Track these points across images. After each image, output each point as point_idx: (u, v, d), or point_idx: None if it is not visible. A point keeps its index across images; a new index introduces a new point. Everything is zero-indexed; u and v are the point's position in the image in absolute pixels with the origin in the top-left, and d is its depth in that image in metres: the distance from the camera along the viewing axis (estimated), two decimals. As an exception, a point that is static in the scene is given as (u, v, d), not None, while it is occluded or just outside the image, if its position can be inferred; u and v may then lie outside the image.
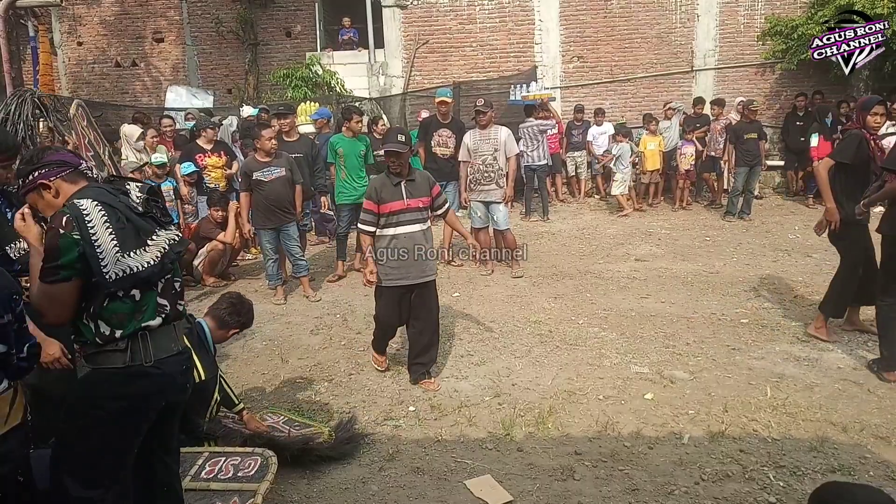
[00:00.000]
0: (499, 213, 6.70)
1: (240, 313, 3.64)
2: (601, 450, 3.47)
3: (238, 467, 2.93)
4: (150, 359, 2.20)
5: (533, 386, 4.25)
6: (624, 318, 5.44)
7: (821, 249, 7.49)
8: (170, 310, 2.30)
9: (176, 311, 2.35)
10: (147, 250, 2.20)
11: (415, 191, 4.16)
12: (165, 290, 2.30)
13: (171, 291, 2.33)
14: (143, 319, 2.20)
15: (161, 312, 2.26)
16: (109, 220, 2.12)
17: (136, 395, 2.20)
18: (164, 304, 2.27)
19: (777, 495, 3.05)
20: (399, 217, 4.12)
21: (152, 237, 2.23)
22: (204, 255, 6.82)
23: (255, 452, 3.05)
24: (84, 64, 13.96)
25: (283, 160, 6.14)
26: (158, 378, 2.23)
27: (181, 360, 2.35)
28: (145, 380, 2.21)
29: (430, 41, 12.49)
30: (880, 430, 3.57)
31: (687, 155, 10.10)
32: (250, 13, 13.32)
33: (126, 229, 2.16)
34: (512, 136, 6.78)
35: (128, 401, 2.19)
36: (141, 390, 2.21)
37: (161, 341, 2.26)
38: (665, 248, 7.82)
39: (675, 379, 4.28)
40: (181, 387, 2.37)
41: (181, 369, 2.34)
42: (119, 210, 2.17)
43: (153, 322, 2.23)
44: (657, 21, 12.14)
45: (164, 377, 2.25)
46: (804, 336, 4.91)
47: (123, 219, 2.17)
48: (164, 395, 2.29)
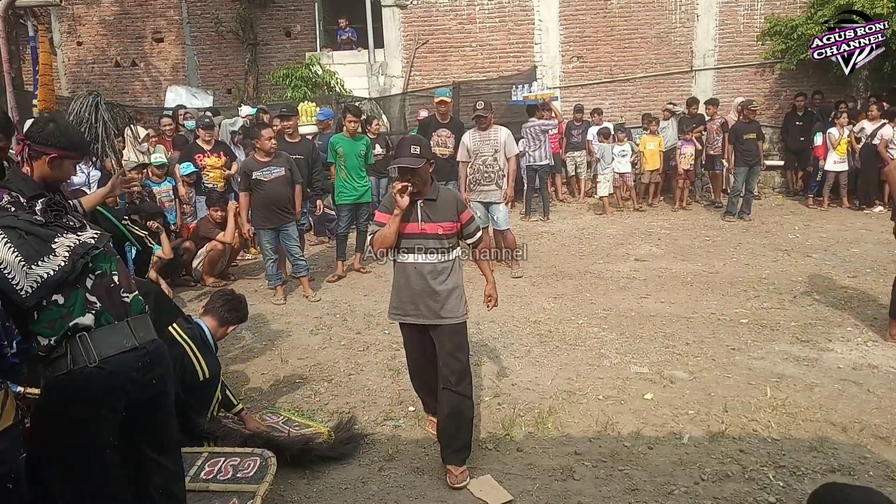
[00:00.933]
0: (499, 213, 6.70)
1: (237, 308, 3.66)
2: (601, 450, 3.47)
3: (237, 468, 2.93)
4: (93, 359, 2.14)
5: (533, 386, 4.25)
6: (624, 318, 5.44)
7: (820, 249, 7.51)
8: (105, 306, 2.24)
9: (121, 306, 2.28)
10: (55, 255, 2.18)
11: (434, 214, 3.28)
12: (97, 287, 2.25)
13: (106, 287, 2.27)
14: (72, 318, 2.16)
15: (90, 309, 2.20)
16: (9, 239, 2.12)
17: (84, 399, 2.14)
18: (93, 300, 2.21)
19: (777, 495, 3.05)
20: (412, 243, 3.30)
21: (54, 241, 2.20)
22: (203, 255, 6.82)
23: (254, 453, 3.05)
24: (84, 64, 13.96)
25: (283, 160, 6.14)
26: (105, 379, 2.15)
27: (137, 356, 2.24)
28: (91, 382, 2.14)
29: (430, 41, 12.49)
30: (880, 430, 3.57)
31: (686, 155, 10.11)
32: (250, 13, 13.32)
33: (27, 242, 2.15)
34: (511, 136, 6.78)
35: (77, 405, 2.14)
36: (87, 393, 2.14)
37: (106, 339, 2.19)
38: (665, 248, 7.82)
39: (675, 379, 4.28)
40: (142, 383, 2.25)
41: (137, 366, 2.23)
42: (18, 227, 2.17)
43: (83, 320, 2.17)
44: (657, 21, 12.15)
45: (113, 377, 2.17)
46: (804, 336, 4.92)
47: (23, 234, 2.16)
48: (119, 395, 2.20)
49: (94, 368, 2.14)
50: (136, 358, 2.24)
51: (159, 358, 2.35)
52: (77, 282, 2.20)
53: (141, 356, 2.26)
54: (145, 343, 2.29)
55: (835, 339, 4.84)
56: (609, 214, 9.89)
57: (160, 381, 2.34)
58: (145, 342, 2.29)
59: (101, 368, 2.15)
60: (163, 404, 2.38)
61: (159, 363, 2.34)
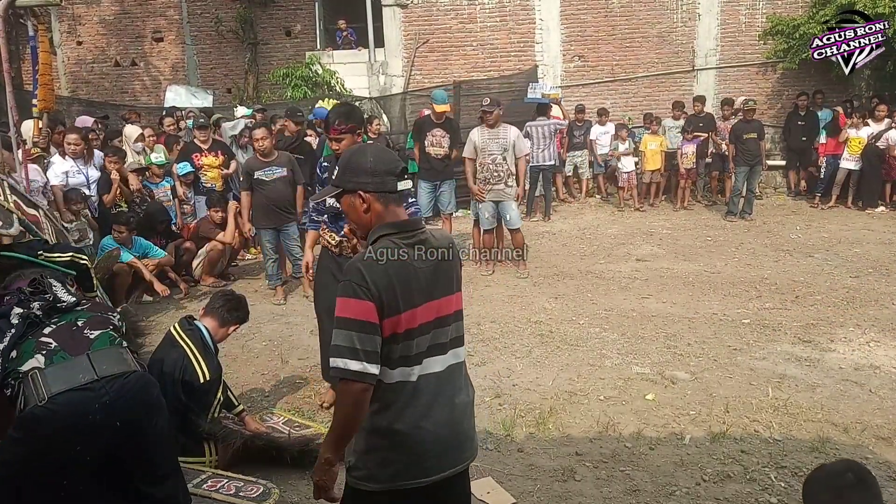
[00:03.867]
0: (512, 211, 6.67)
1: (238, 308, 3.60)
2: (602, 450, 3.46)
3: (240, 490, 2.94)
4: (42, 397, 1.98)
5: (534, 386, 4.23)
6: (625, 318, 5.43)
7: (822, 249, 7.49)
8: (62, 345, 2.11)
9: (81, 342, 2.13)
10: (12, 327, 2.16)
11: None
12: (56, 332, 2.17)
13: (67, 330, 2.18)
14: (22, 363, 2.06)
15: (42, 350, 2.09)
16: None
17: (32, 442, 1.98)
18: (47, 342, 2.12)
19: (778, 496, 3.04)
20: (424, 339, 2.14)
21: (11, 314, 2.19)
22: (203, 256, 6.81)
23: (258, 481, 3.04)
24: (83, 63, 13.94)
25: (285, 160, 6.13)
26: (55, 420, 1.96)
27: (93, 395, 2.01)
28: (40, 423, 1.97)
29: (431, 40, 12.47)
30: (882, 430, 3.56)
31: (688, 154, 10.09)
32: (250, 12, 13.30)
33: None
34: (521, 136, 6.72)
35: (26, 448, 1.99)
36: (35, 436, 1.97)
37: (58, 375, 2.03)
38: (666, 249, 7.81)
39: (677, 379, 4.26)
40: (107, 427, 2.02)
41: (94, 407, 2.00)
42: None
43: (31, 362, 2.05)
44: (658, 20, 12.12)
45: (66, 418, 1.97)
46: (806, 336, 4.90)
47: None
48: (75, 441, 1.99)
49: (42, 409, 1.97)
50: (92, 398, 2.02)
51: (129, 392, 2.10)
52: (28, 334, 2.15)
53: (99, 395, 2.03)
54: (110, 375, 2.08)
55: (837, 340, 4.83)
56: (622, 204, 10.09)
57: (132, 424, 2.09)
58: (109, 374, 2.08)
59: (49, 409, 1.97)
60: (145, 443, 2.15)
61: (129, 398, 2.09)
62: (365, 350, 1.75)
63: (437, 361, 1.90)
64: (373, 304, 1.76)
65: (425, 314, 1.86)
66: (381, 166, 1.89)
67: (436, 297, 1.89)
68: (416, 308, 1.83)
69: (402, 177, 1.92)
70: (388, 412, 1.84)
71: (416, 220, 1.99)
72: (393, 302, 1.79)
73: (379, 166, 1.88)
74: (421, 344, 1.86)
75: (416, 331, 1.84)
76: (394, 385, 1.84)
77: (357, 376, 1.75)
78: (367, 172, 1.88)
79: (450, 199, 7.49)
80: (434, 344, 1.89)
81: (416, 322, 1.83)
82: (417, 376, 1.86)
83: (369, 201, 1.89)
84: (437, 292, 1.90)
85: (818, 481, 1.75)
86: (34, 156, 5.92)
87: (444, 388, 1.91)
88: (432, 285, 1.89)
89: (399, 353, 1.82)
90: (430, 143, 7.39)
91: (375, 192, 1.88)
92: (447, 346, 1.93)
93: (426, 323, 1.86)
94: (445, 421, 1.89)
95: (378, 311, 1.77)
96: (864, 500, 1.67)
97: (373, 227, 1.91)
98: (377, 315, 1.77)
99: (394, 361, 1.82)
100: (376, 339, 1.77)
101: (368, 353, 1.75)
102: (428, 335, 1.87)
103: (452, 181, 7.52)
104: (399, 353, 1.82)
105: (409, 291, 1.82)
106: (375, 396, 1.81)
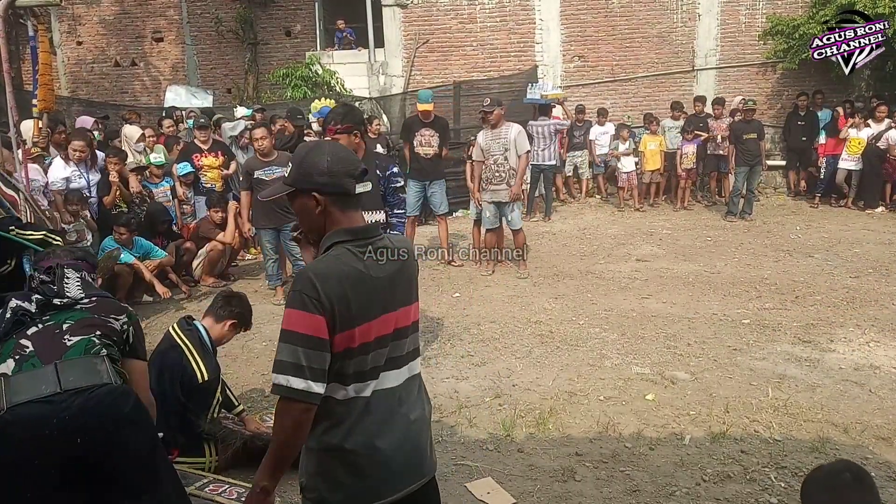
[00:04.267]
0: (513, 212, 6.66)
1: (231, 303, 3.53)
2: (602, 451, 3.46)
3: (241, 495, 2.92)
4: (2, 406, 1.93)
5: (534, 387, 4.23)
6: (625, 318, 5.43)
7: (822, 250, 7.50)
8: (37, 351, 2.07)
9: (55, 349, 2.08)
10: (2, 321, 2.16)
11: None
12: (38, 334, 2.13)
13: (49, 333, 2.14)
14: None
15: (16, 355, 2.05)
16: None
17: None
18: (25, 345, 2.09)
19: (778, 496, 3.03)
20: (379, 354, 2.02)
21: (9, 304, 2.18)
22: (203, 256, 6.81)
23: None
24: (83, 63, 13.94)
25: (285, 160, 6.12)
26: (11, 429, 1.91)
27: (51, 409, 1.94)
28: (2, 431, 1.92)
29: (431, 40, 12.47)
30: (882, 430, 3.56)
31: (688, 154, 10.09)
32: (250, 12, 13.30)
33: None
34: (523, 133, 6.65)
35: None
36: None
37: (22, 384, 1.98)
38: (666, 249, 7.81)
39: (677, 380, 4.26)
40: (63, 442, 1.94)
41: (51, 422, 1.93)
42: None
43: (2, 366, 2.02)
44: (658, 20, 12.12)
45: (19, 428, 1.91)
46: (806, 336, 4.90)
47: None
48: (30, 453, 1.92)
49: (1, 419, 1.93)
50: (50, 411, 1.95)
51: (95, 408, 2.01)
52: (13, 332, 2.13)
53: (58, 409, 1.96)
54: (75, 388, 2.00)
55: (837, 340, 4.83)
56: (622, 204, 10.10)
57: (95, 440, 1.99)
58: (74, 388, 2.00)
59: (6, 420, 1.92)
60: (115, 457, 2.04)
61: (93, 413, 2.00)
62: (311, 367, 1.61)
63: (392, 376, 1.78)
64: (323, 319, 1.62)
65: (382, 327, 1.73)
66: (339, 166, 1.73)
67: (394, 308, 1.76)
68: (372, 321, 1.70)
69: (361, 179, 1.78)
70: (338, 430, 1.70)
71: (373, 227, 1.82)
72: (346, 315, 1.65)
73: (336, 166, 1.72)
74: (377, 358, 1.73)
75: (372, 344, 1.71)
76: (345, 401, 1.70)
77: (300, 395, 1.61)
78: (323, 173, 1.71)
79: (442, 200, 7.45)
80: (391, 357, 1.77)
81: (372, 335, 1.70)
82: (371, 391, 1.73)
83: (324, 204, 1.72)
84: (395, 303, 1.77)
85: (816, 482, 1.75)
86: (34, 155, 5.92)
87: (399, 405, 1.78)
88: (390, 296, 1.75)
89: (353, 369, 1.69)
90: (420, 143, 7.39)
91: (331, 194, 1.72)
92: (404, 359, 1.81)
93: (383, 336, 1.73)
94: (400, 439, 1.76)
95: (329, 326, 1.63)
96: (862, 499, 1.67)
97: (326, 233, 1.75)
98: (327, 330, 1.63)
99: (348, 377, 1.69)
100: (325, 355, 1.63)
101: (314, 370, 1.61)
102: (385, 348, 1.74)
103: (442, 181, 7.52)
104: (353, 369, 1.69)
105: (364, 303, 1.68)
106: (325, 413, 1.68)
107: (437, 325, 5.35)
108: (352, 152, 1.87)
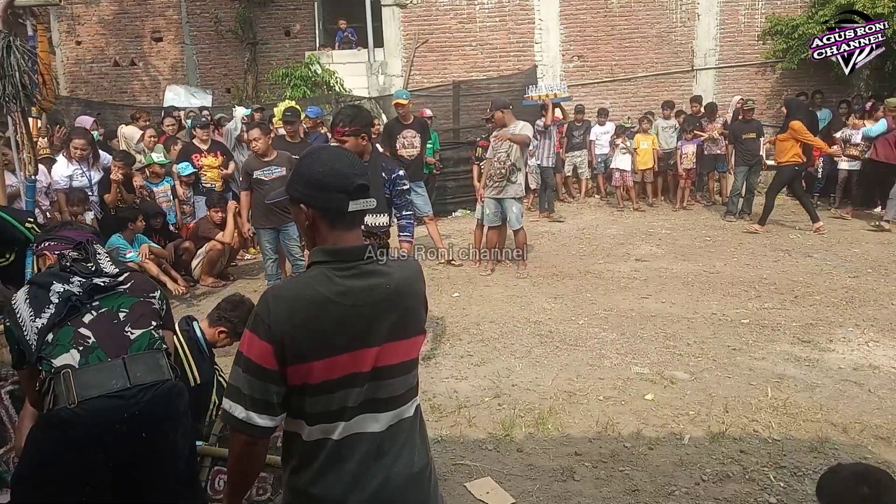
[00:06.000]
0: (512, 211, 6.66)
1: (233, 309, 3.44)
2: (601, 450, 3.46)
3: None
4: (72, 400, 1.89)
5: (533, 386, 4.23)
6: (624, 318, 5.43)
7: (821, 249, 7.50)
8: (100, 342, 2.03)
9: (120, 342, 2.04)
10: (50, 304, 2.08)
11: None
12: (95, 323, 2.07)
13: (108, 322, 2.08)
14: (54, 355, 1.97)
15: (79, 345, 1.99)
16: (28, 295, 2.10)
17: (55, 447, 1.90)
18: (86, 335, 2.03)
19: (777, 496, 3.04)
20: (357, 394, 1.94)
21: (50, 289, 2.12)
22: (203, 255, 6.81)
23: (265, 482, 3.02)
24: (83, 63, 13.94)
25: (285, 160, 6.12)
26: (82, 427, 1.89)
27: (123, 403, 1.93)
28: (68, 428, 1.89)
29: (430, 40, 12.48)
30: (881, 430, 3.56)
31: (688, 154, 10.09)
32: (249, 12, 13.31)
33: (37, 296, 2.10)
34: (528, 126, 6.67)
35: (47, 452, 1.91)
36: (60, 441, 1.89)
37: (91, 378, 1.93)
38: (666, 248, 7.81)
39: (676, 379, 4.27)
40: (129, 439, 1.93)
41: (122, 416, 1.92)
42: (36, 282, 2.16)
43: (65, 357, 1.97)
44: (657, 20, 12.13)
45: (91, 427, 1.90)
46: (805, 336, 4.90)
47: (37, 287, 2.13)
48: (98, 450, 1.91)
49: (70, 412, 1.90)
50: (122, 406, 1.94)
51: (160, 404, 2.01)
52: (67, 319, 2.06)
53: (129, 404, 1.95)
54: (142, 384, 1.99)
55: (836, 340, 4.83)
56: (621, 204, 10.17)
57: (156, 436, 2.00)
58: (142, 383, 1.99)
59: (78, 414, 1.90)
60: (162, 454, 2.05)
61: (157, 409, 2.00)
62: (253, 397, 1.47)
63: (374, 419, 1.55)
64: (271, 347, 1.45)
65: (354, 364, 1.51)
66: (332, 179, 1.54)
67: (375, 343, 1.53)
68: (338, 356, 1.49)
69: (358, 196, 1.55)
70: (306, 472, 1.53)
71: (360, 248, 1.57)
72: (300, 348, 1.47)
73: (329, 179, 1.54)
74: (346, 398, 1.51)
75: (338, 383, 1.50)
76: (312, 442, 1.53)
77: (239, 425, 1.48)
78: (313, 184, 1.55)
79: (425, 202, 7.45)
80: (370, 399, 1.54)
81: (337, 373, 1.49)
82: (343, 435, 1.52)
83: (311, 217, 1.56)
84: (377, 338, 1.54)
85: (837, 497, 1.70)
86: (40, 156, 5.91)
87: (379, 454, 1.55)
88: (370, 330, 1.53)
89: (317, 409, 1.50)
90: (402, 146, 7.39)
91: (319, 208, 1.55)
92: (390, 402, 1.57)
93: (354, 374, 1.51)
94: (374, 496, 1.53)
95: (277, 356, 1.46)
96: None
97: (313, 248, 1.59)
98: (276, 360, 1.46)
99: (312, 416, 1.51)
100: (268, 386, 1.47)
101: (256, 401, 1.46)
102: (360, 388, 1.52)
103: (422, 182, 7.57)
104: (317, 409, 1.50)
105: (326, 336, 1.48)
106: (294, 450, 1.55)
107: (437, 325, 5.36)
108: (353, 163, 1.63)
